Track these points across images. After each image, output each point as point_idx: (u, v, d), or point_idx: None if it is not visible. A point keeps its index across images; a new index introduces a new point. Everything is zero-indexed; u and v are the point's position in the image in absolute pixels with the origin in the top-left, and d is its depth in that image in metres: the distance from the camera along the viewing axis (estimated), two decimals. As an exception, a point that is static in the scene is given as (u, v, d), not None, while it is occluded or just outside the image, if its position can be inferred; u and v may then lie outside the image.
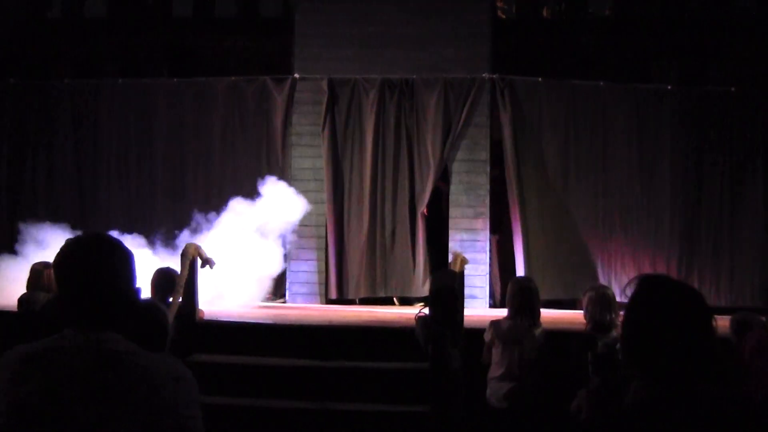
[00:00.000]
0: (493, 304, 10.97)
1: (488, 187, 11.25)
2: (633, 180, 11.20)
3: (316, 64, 11.45)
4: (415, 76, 11.32)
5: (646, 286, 2.66)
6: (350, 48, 11.42)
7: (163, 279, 8.00)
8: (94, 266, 2.67)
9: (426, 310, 7.18)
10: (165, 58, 12.64)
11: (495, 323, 7.22)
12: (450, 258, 9.62)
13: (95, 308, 2.64)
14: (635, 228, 11.17)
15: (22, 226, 10.73)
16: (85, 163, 11.89)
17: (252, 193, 10.76)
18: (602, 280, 10.54)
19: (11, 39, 12.78)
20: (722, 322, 6.10)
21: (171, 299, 7.90)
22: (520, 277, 7.21)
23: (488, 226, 11.22)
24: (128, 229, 10.48)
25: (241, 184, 11.17)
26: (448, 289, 7.42)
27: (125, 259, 2.73)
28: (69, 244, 2.76)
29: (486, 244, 11.17)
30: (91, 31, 12.95)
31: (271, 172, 11.18)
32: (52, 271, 7.85)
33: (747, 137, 11.06)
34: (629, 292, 2.70)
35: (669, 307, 2.58)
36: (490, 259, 11.31)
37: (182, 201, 11.42)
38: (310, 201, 11.04)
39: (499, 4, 12.28)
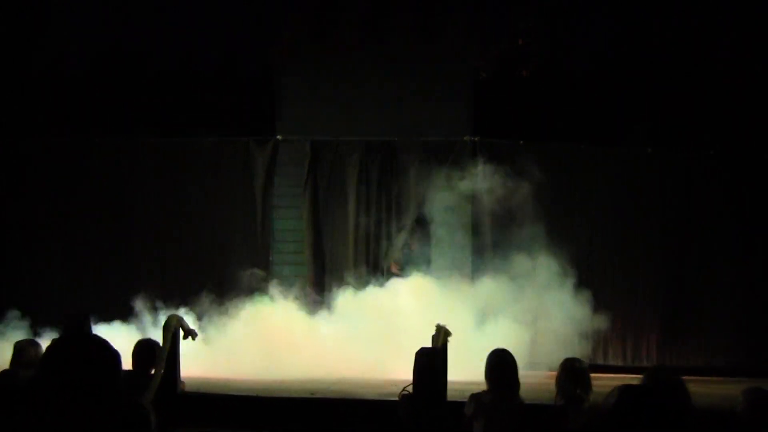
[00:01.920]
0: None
1: (471, 248, 11.25)
2: (618, 241, 11.27)
3: (297, 125, 11.48)
4: (396, 139, 11.35)
5: (626, 397, 2.71)
6: (332, 108, 11.46)
7: (144, 351, 7.92)
8: (79, 374, 2.69)
9: (410, 388, 7.16)
10: (146, 116, 12.58)
11: (476, 396, 7.16)
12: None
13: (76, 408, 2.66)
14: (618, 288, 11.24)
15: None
16: (61, 223, 11.73)
17: (232, 257, 10.71)
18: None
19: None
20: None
21: (153, 371, 7.83)
22: (498, 349, 7.16)
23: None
24: (105, 297, 10.39)
25: (222, 246, 11.13)
26: (431, 368, 7.41)
27: (110, 363, 2.76)
28: (55, 346, 2.76)
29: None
30: (72, 88, 12.88)
31: (252, 234, 11.15)
32: (36, 348, 7.83)
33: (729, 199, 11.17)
34: (610, 401, 2.75)
35: (649, 421, 2.64)
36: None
37: (162, 264, 11.32)
38: (291, 262, 11.02)
39: (478, 65, 12.34)
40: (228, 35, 12.51)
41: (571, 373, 6.63)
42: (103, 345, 2.78)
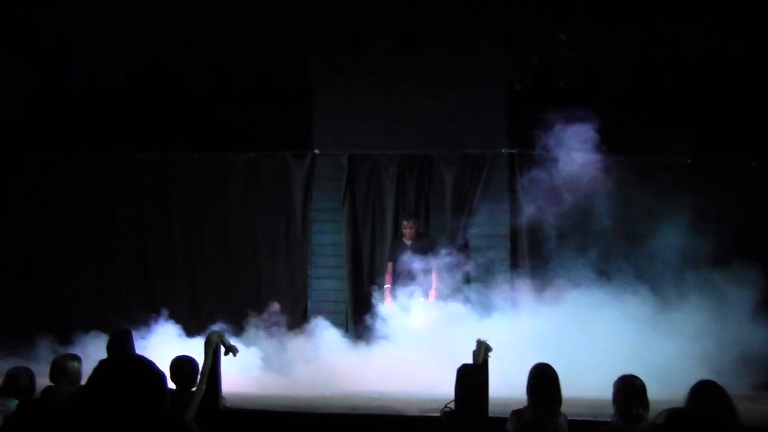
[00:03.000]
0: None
1: (509, 261, 11.21)
2: (652, 252, 11.13)
3: (335, 139, 11.50)
4: (434, 152, 11.34)
5: (672, 421, 2.84)
6: (369, 122, 11.48)
7: (182, 368, 7.91)
8: (126, 395, 2.78)
9: (452, 405, 7.14)
10: (183, 131, 12.65)
11: (517, 413, 7.11)
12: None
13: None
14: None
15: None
16: (102, 239, 11.83)
17: (271, 272, 10.73)
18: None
19: (29, 110, 12.82)
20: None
21: (194, 388, 7.83)
22: (540, 363, 7.11)
23: (509, 298, 11.15)
24: (144, 310, 10.44)
25: (261, 262, 11.15)
26: (473, 383, 7.37)
27: (156, 384, 2.86)
28: (103, 367, 2.87)
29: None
30: (109, 103, 12.98)
31: (291, 248, 11.17)
32: (76, 363, 7.86)
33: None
34: (659, 421, 2.92)
35: None
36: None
37: (202, 280, 11.36)
38: (330, 277, 11.02)
39: (513, 76, 12.30)
40: (264, 49, 12.54)
41: (631, 391, 6.56)
42: (149, 366, 2.88)
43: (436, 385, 9.46)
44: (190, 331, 9.99)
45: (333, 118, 11.56)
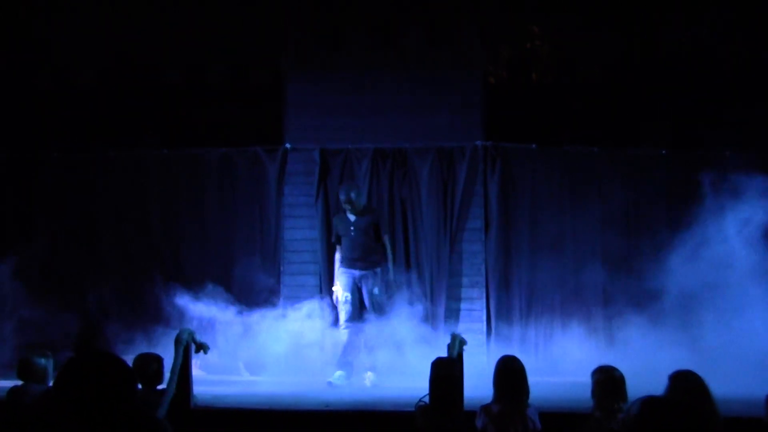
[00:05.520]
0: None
1: (484, 255, 11.14)
2: (631, 246, 11.09)
3: (307, 134, 11.40)
4: (407, 145, 11.25)
5: (647, 410, 2.76)
6: (342, 117, 11.38)
7: (148, 365, 7.72)
8: (95, 391, 2.75)
9: (426, 399, 7.05)
10: (155, 128, 12.52)
11: (485, 408, 7.01)
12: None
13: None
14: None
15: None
16: (77, 239, 11.65)
17: (244, 268, 10.63)
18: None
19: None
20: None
21: (162, 387, 7.68)
22: (505, 356, 7.03)
23: (484, 295, 11.10)
24: (124, 311, 10.33)
25: (236, 257, 11.04)
26: (447, 377, 7.28)
27: (126, 381, 2.84)
28: (71, 363, 2.84)
29: (483, 314, 11.05)
30: (79, 101, 12.80)
31: (266, 244, 11.07)
32: (43, 360, 7.71)
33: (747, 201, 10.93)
34: (633, 411, 2.81)
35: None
36: (488, 326, 11.17)
37: (173, 278, 11.25)
38: (303, 272, 10.93)
39: (488, 69, 12.20)
40: (236, 44, 12.39)
41: (611, 383, 6.44)
42: (118, 362, 2.86)
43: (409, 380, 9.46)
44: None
45: (306, 113, 11.46)
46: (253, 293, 10.89)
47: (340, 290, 10.00)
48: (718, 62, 11.86)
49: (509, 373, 6.84)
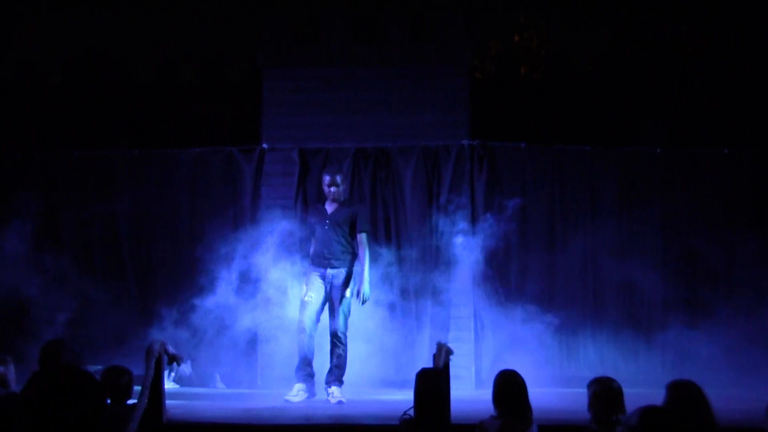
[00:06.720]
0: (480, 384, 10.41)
1: (471, 259, 10.70)
2: (623, 244, 10.76)
3: (285, 133, 10.96)
4: (390, 145, 10.83)
5: (647, 420, 2.83)
6: (321, 115, 10.97)
7: (117, 378, 7.30)
8: (60, 407, 2.66)
9: (411, 411, 6.74)
10: (125, 127, 12.12)
11: (483, 424, 6.70)
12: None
13: None
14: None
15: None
16: (42, 242, 11.13)
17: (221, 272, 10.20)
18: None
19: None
20: None
21: (133, 401, 7.24)
22: (505, 370, 6.74)
23: (472, 301, 10.68)
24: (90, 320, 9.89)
25: (209, 262, 10.57)
26: (433, 389, 6.96)
27: (94, 395, 2.73)
28: (37, 377, 2.75)
29: (471, 321, 10.63)
30: (44, 99, 12.36)
31: (242, 248, 10.59)
32: (1, 368, 7.28)
33: (740, 200, 10.69)
34: (632, 422, 2.88)
35: None
36: (476, 333, 10.76)
37: (146, 280, 10.82)
38: (283, 277, 10.48)
39: (474, 65, 11.83)
40: (209, 39, 12.05)
41: (609, 395, 6.20)
42: (86, 376, 2.78)
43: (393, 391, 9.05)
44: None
45: (283, 111, 11.02)
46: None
47: (305, 289, 9.31)
48: (714, 58, 11.65)
49: (511, 388, 6.55)
